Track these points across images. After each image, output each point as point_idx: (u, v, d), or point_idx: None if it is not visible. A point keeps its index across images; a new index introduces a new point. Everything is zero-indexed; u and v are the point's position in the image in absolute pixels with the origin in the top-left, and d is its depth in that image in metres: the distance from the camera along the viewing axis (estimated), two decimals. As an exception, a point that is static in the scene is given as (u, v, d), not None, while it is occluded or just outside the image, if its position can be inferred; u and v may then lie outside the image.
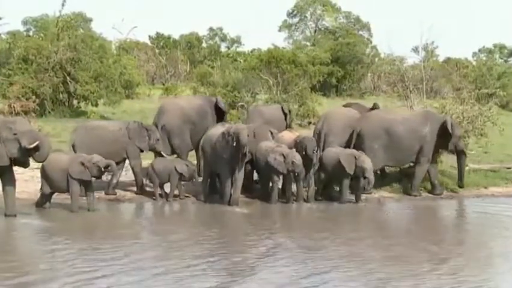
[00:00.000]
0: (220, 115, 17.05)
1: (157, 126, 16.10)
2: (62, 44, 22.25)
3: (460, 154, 16.49)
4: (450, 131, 16.06)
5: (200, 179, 15.50)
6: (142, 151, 15.48)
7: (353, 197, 15.53)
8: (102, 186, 15.07)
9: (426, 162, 16.21)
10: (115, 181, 15.16)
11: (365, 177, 15.01)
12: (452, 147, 16.34)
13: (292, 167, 14.68)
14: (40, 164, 13.62)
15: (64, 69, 21.99)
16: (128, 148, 15.30)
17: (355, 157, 15.09)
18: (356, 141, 16.07)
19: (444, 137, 16.16)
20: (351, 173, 15.04)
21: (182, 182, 15.31)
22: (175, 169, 15.04)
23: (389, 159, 16.25)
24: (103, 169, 13.81)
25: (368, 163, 14.99)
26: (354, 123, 16.46)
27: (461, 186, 16.70)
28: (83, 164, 13.63)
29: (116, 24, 36.87)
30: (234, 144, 14.32)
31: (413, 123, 16.33)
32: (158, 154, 15.73)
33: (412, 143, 16.14)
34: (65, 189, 13.80)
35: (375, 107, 18.32)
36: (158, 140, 15.57)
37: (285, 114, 18.32)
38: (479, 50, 45.66)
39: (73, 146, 15.15)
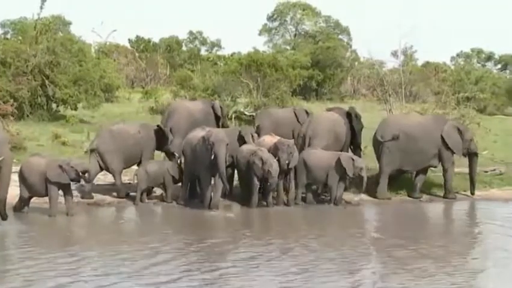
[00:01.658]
0: (216, 119, 17.40)
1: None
2: (40, 47, 22.05)
3: (472, 156, 16.81)
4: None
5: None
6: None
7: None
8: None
9: (452, 164, 16.55)
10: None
11: (360, 177, 15.46)
12: (464, 151, 16.65)
13: (267, 175, 14.70)
14: (18, 168, 13.49)
15: (42, 72, 21.80)
16: (144, 148, 15.59)
17: (352, 159, 15.52)
18: (375, 145, 16.62)
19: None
20: (351, 174, 15.35)
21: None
22: (168, 171, 15.07)
23: (406, 163, 16.53)
24: (80, 173, 13.74)
25: (363, 164, 15.56)
26: (337, 127, 16.63)
27: (472, 193, 16.84)
28: (61, 167, 13.52)
29: (95, 27, 36.64)
30: (212, 157, 14.30)
31: (428, 127, 16.58)
32: (169, 155, 16.04)
33: (428, 147, 16.38)
34: (44, 194, 13.68)
35: (351, 111, 18.30)
36: (171, 141, 15.92)
37: (298, 117, 17.93)
38: (457, 55, 46.05)
39: (95, 150, 15.19)
